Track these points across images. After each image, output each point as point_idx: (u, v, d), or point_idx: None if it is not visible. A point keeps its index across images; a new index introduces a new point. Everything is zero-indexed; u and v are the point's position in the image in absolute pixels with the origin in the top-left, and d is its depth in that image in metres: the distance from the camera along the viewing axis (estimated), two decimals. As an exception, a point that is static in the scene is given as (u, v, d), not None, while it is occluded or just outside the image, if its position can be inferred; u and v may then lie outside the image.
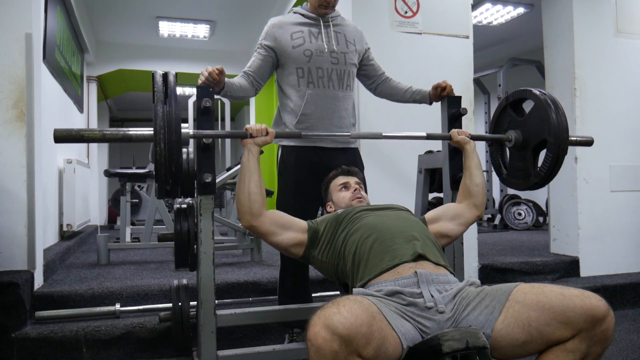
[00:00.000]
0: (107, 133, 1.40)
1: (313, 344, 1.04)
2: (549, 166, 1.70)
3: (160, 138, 1.31)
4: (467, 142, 1.80)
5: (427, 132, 1.83)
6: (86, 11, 5.24)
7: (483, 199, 1.73)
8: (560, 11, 3.41)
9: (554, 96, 1.73)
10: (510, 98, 1.87)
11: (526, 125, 1.79)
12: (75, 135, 1.37)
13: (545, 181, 1.77)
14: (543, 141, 1.72)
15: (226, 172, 3.80)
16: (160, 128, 1.31)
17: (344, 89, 2.07)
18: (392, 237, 1.43)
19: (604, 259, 3.30)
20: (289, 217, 1.61)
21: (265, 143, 1.58)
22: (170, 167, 1.33)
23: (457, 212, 1.70)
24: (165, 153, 1.31)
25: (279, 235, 1.56)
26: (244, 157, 1.57)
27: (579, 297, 1.16)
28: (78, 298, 2.36)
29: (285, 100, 2.06)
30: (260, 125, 1.58)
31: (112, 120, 9.74)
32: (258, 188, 1.54)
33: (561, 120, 1.67)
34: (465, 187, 1.75)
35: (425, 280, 1.30)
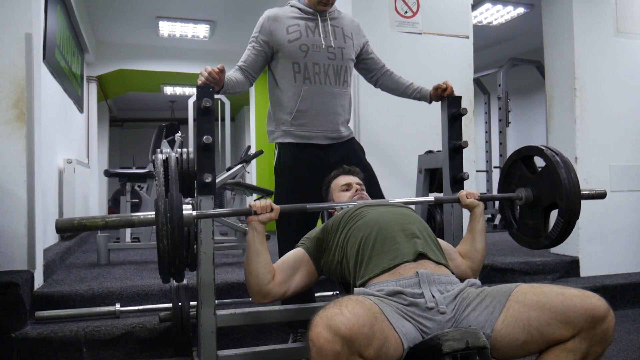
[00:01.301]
0: (109, 220, 1.36)
1: (315, 345, 1.04)
2: (560, 230, 1.67)
3: (163, 234, 1.28)
4: (477, 204, 1.73)
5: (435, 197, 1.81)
6: (86, 11, 5.24)
7: (480, 264, 1.71)
8: (560, 11, 3.41)
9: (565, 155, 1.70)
10: (521, 152, 1.82)
11: (537, 184, 1.75)
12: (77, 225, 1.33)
13: (556, 244, 1.74)
14: (554, 203, 1.69)
15: (226, 172, 3.80)
16: (163, 225, 1.28)
17: (340, 85, 2.05)
18: (393, 236, 1.43)
19: (604, 259, 3.30)
20: (290, 262, 1.58)
21: (269, 220, 1.54)
22: (175, 261, 1.32)
23: (456, 263, 1.67)
24: (168, 249, 1.29)
25: (290, 288, 1.55)
26: (249, 235, 1.54)
27: (579, 296, 1.16)
28: (78, 298, 2.36)
29: (279, 94, 2.03)
30: (264, 201, 1.55)
31: (112, 120, 9.73)
32: (266, 268, 1.51)
33: (573, 183, 1.63)
34: (466, 250, 1.72)
35: (426, 280, 1.30)
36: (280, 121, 2.03)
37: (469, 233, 1.74)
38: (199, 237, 1.58)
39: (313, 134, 2.01)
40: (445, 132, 2.02)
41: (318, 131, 2.01)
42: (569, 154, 3.33)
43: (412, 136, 2.86)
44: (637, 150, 3.42)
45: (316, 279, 1.62)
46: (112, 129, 9.51)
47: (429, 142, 2.51)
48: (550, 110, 3.48)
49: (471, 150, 2.87)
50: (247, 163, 3.85)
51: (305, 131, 2.00)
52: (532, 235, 1.80)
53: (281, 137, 2.04)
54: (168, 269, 1.33)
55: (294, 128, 2.01)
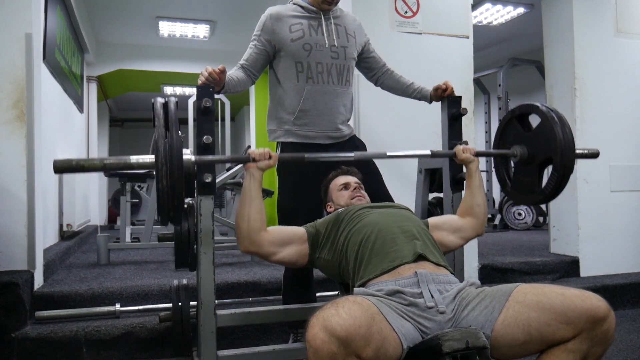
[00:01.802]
0: (108, 163, 1.37)
1: (311, 345, 1.04)
2: (554, 185, 1.68)
3: (163, 174, 1.29)
4: (472, 160, 1.76)
5: (432, 150, 1.82)
6: (86, 11, 5.24)
7: (484, 218, 1.72)
8: (560, 11, 3.41)
9: (560, 112, 1.70)
10: (516, 111, 1.84)
11: (532, 141, 1.76)
12: (75, 166, 1.34)
13: (550, 199, 1.75)
14: (549, 158, 1.70)
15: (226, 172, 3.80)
16: (162, 164, 1.29)
17: (343, 84, 2.04)
18: (393, 238, 1.43)
19: (604, 259, 3.30)
20: (288, 232, 1.60)
21: (268, 167, 1.55)
22: (173, 202, 1.32)
23: (459, 225, 1.69)
24: (167, 189, 1.30)
25: (279, 253, 1.55)
26: (245, 181, 1.55)
27: (579, 297, 1.16)
28: (78, 298, 2.36)
29: (281, 93, 2.02)
30: (263, 149, 1.55)
31: (112, 120, 9.74)
32: (258, 214, 1.52)
33: (567, 139, 1.64)
34: (467, 207, 1.73)
35: (425, 280, 1.30)
36: (282, 120, 2.03)
37: (468, 189, 1.76)
38: (199, 237, 1.58)
39: (315, 133, 2.01)
40: (445, 132, 2.02)
41: (320, 131, 2.01)
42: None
43: (412, 136, 2.86)
44: (637, 150, 3.42)
45: (304, 263, 1.61)
46: (112, 129, 9.51)
47: (429, 142, 2.51)
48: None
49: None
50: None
51: (308, 131, 2.00)
52: (527, 192, 1.81)
53: (283, 137, 2.03)
54: (167, 210, 1.33)
55: (296, 127, 2.00)
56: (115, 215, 7.11)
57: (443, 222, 1.70)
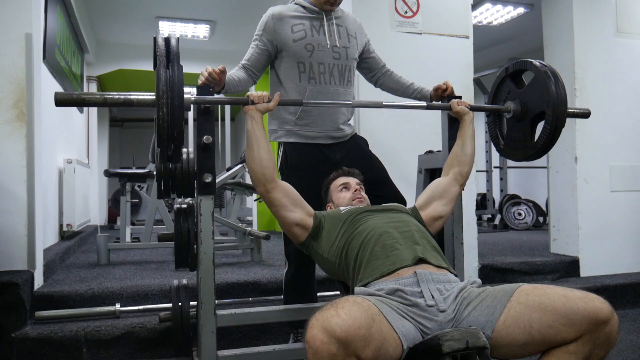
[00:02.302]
0: (109, 97, 1.38)
1: (311, 346, 1.04)
2: (546, 138, 1.72)
3: (163, 102, 1.30)
4: (467, 112, 1.83)
5: (428, 103, 1.86)
6: (86, 11, 5.24)
7: (469, 169, 1.77)
8: (560, 11, 3.41)
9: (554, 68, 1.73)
10: (510, 69, 1.89)
11: (525, 96, 1.80)
12: (76, 99, 1.36)
13: (542, 152, 1.79)
14: (542, 113, 1.73)
15: (226, 172, 3.80)
16: (163, 92, 1.30)
17: (344, 84, 2.05)
18: (393, 243, 1.43)
19: (604, 259, 3.30)
20: (299, 195, 1.63)
21: (267, 110, 1.60)
22: (173, 132, 1.33)
23: (443, 188, 1.72)
24: (167, 117, 1.31)
25: (289, 210, 1.58)
26: (247, 124, 1.59)
27: (582, 299, 1.15)
28: (78, 298, 2.36)
29: (283, 93, 2.01)
30: (261, 92, 1.59)
31: (112, 120, 9.74)
32: (268, 154, 1.57)
33: (560, 93, 1.67)
34: (455, 156, 1.78)
35: (424, 279, 1.30)
36: (283, 120, 2.03)
37: (459, 139, 1.81)
38: (199, 237, 1.58)
39: (317, 133, 2.01)
40: (445, 132, 2.02)
41: (322, 131, 2.01)
42: (569, 154, 3.33)
43: (412, 136, 2.86)
44: (637, 150, 3.42)
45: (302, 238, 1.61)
46: (112, 129, 9.51)
47: (429, 142, 2.51)
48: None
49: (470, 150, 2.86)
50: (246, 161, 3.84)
51: (310, 131, 2.00)
52: (519, 148, 1.85)
53: (285, 137, 2.03)
54: (167, 142, 1.34)
55: (298, 128, 2.00)
56: (115, 215, 7.11)
57: (429, 194, 1.72)
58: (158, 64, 1.35)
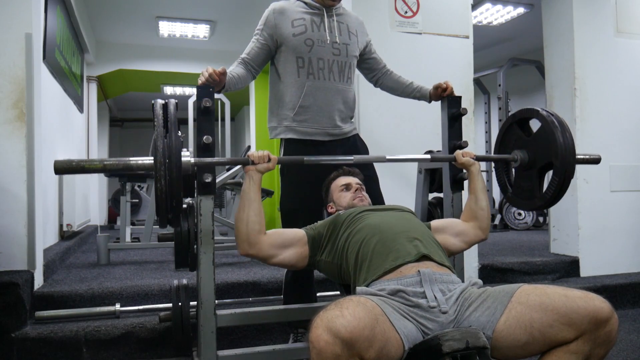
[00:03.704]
0: (108, 163, 1.37)
1: (315, 347, 1.04)
2: (554, 190, 1.67)
3: (161, 174, 1.29)
4: (472, 163, 1.75)
5: (431, 154, 1.82)
6: (86, 11, 5.24)
7: (488, 222, 1.71)
8: (560, 11, 3.41)
9: (561, 117, 1.70)
10: (517, 116, 1.83)
11: (533, 145, 1.75)
12: (75, 166, 1.35)
13: (551, 204, 1.75)
14: (549, 163, 1.69)
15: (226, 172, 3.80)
16: (161, 164, 1.29)
17: (344, 81, 2.04)
18: (394, 239, 1.43)
19: (604, 259, 3.30)
20: (287, 234, 1.60)
21: (267, 169, 1.56)
22: (172, 202, 1.32)
23: (462, 229, 1.69)
24: (166, 189, 1.29)
25: (279, 256, 1.56)
26: (245, 184, 1.55)
27: (582, 298, 1.16)
28: (78, 298, 2.36)
29: (282, 88, 2.01)
30: (262, 152, 1.56)
31: (112, 120, 9.74)
32: (257, 217, 1.52)
33: (568, 144, 1.63)
34: (471, 211, 1.72)
35: (428, 279, 1.30)
36: (282, 117, 2.02)
37: (471, 194, 1.74)
38: (199, 237, 1.58)
39: (314, 130, 2.01)
40: (445, 132, 2.02)
41: (319, 127, 2.01)
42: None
43: (412, 136, 2.87)
44: (637, 150, 3.42)
45: (304, 265, 1.61)
46: (112, 129, 9.51)
47: (429, 142, 2.51)
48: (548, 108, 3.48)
49: (471, 150, 2.86)
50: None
51: (307, 127, 2.00)
52: (527, 197, 1.81)
53: (283, 133, 2.03)
54: (165, 211, 1.34)
55: (295, 124, 2.00)
56: (115, 215, 7.11)
57: (445, 225, 1.69)
58: (156, 134, 1.33)
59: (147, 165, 1.37)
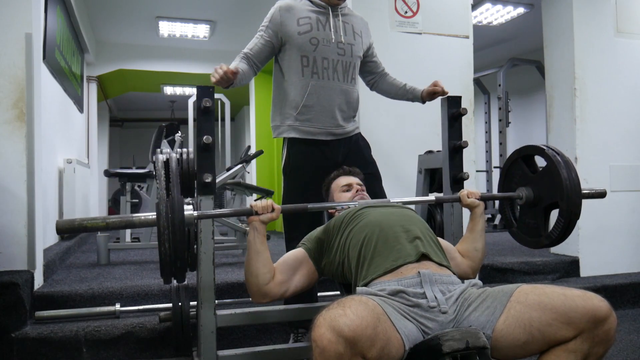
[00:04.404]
0: (110, 222, 1.35)
1: (318, 345, 1.04)
2: (560, 230, 1.67)
3: (165, 238, 1.28)
4: (477, 205, 1.73)
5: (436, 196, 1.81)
6: (86, 11, 5.24)
7: (479, 263, 1.72)
8: (560, 11, 3.41)
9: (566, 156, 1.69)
10: (522, 152, 1.82)
11: (538, 183, 1.74)
12: (77, 226, 1.33)
13: (556, 243, 1.74)
14: (555, 203, 1.68)
15: (226, 172, 3.80)
16: (164, 228, 1.28)
17: (348, 81, 2.04)
18: (395, 237, 1.43)
19: (604, 259, 3.30)
20: (289, 262, 1.59)
21: (271, 220, 1.54)
22: (176, 264, 1.32)
23: (455, 257, 1.68)
24: (170, 252, 1.29)
25: (291, 286, 1.56)
26: (249, 235, 1.54)
27: (581, 297, 1.16)
28: (78, 298, 2.36)
29: (285, 87, 2.01)
30: (265, 201, 1.54)
31: (112, 120, 9.74)
32: (266, 267, 1.51)
33: (574, 184, 1.63)
34: (465, 249, 1.72)
35: (428, 280, 1.30)
36: (285, 115, 2.02)
37: (469, 233, 1.74)
38: (199, 237, 1.58)
39: (317, 129, 2.01)
40: (445, 132, 2.02)
41: (322, 127, 2.01)
42: (569, 154, 3.31)
43: (412, 136, 2.87)
44: (637, 150, 3.42)
45: (316, 279, 1.62)
46: (112, 129, 9.51)
47: (429, 142, 2.51)
48: (550, 111, 3.48)
49: (471, 150, 2.87)
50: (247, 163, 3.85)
51: (310, 127, 2.00)
52: (532, 235, 1.79)
53: (286, 132, 2.02)
54: (169, 272, 1.33)
55: (298, 123, 2.00)
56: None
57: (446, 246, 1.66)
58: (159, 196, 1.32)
59: (150, 221, 1.36)
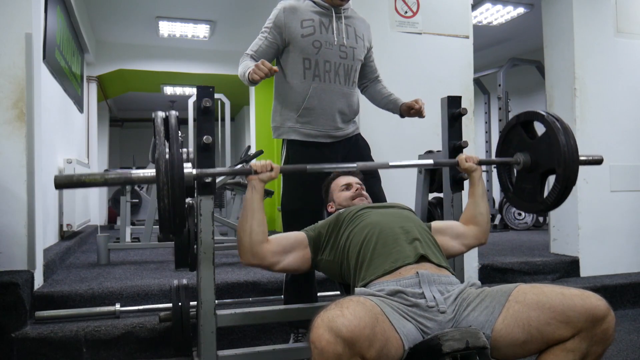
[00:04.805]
0: (109, 177, 1.36)
1: (316, 346, 1.04)
2: (556, 196, 1.67)
3: (164, 194, 1.28)
4: (475, 169, 1.74)
5: (434, 160, 1.82)
6: (86, 11, 5.24)
7: (487, 227, 1.71)
8: (560, 11, 3.41)
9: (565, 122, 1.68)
10: (521, 117, 1.82)
11: (536, 149, 1.74)
12: (75, 181, 1.34)
13: (551, 209, 1.75)
14: (552, 169, 1.68)
15: (226, 172, 3.79)
16: (164, 184, 1.28)
17: (350, 85, 2.04)
18: (395, 239, 1.43)
19: (604, 259, 3.30)
20: (289, 239, 1.59)
21: (270, 179, 1.55)
22: (175, 220, 1.32)
23: (461, 232, 1.68)
24: (169, 208, 1.29)
25: (282, 262, 1.56)
26: (247, 193, 1.54)
27: (579, 296, 1.17)
28: (78, 298, 2.36)
29: (287, 88, 2.01)
30: (264, 161, 1.55)
31: (112, 120, 9.74)
32: (260, 227, 1.52)
33: (571, 150, 1.62)
34: (470, 215, 1.72)
35: (426, 280, 1.30)
36: (286, 117, 2.03)
37: (471, 198, 1.74)
38: (199, 237, 1.58)
39: (317, 132, 2.01)
40: (445, 132, 2.02)
41: (323, 130, 2.01)
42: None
43: (412, 136, 2.86)
44: (637, 150, 3.42)
45: (308, 267, 1.62)
46: (112, 129, 9.52)
47: (429, 142, 2.51)
48: (550, 110, 3.48)
49: (471, 150, 2.86)
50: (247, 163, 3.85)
51: (310, 129, 2.00)
52: (528, 199, 1.80)
53: (286, 134, 2.03)
54: (169, 227, 1.34)
55: (299, 125, 2.00)
56: (115, 215, 7.11)
57: (446, 227, 1.68)
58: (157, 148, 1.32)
59: (149, 177, 1.36)
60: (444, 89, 2.51)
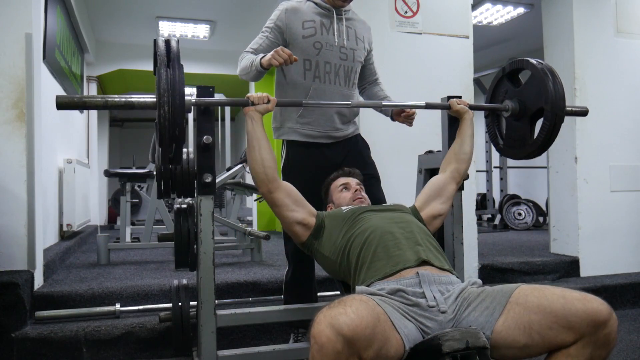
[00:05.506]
0: (110, 100, 1.40)
1: (317, 342, 1.04)
2: (545, 134, 1.72)
3: (164, 101, 1.31)
4: (466, 111, 1.82)
5: (427, 102, 1.85)
6: (86, 11, 5.24)
7: (467, 167, 1.79)
8: (560, 11, 3.42)
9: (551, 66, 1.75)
10: (507, 69, 1.89)
11: (523, 94, 1.81)
12: (77, 102, 1.37)
13: (542, 150, 1.79)
14: (540, 110, 1.73)
15: (226, 172, 3.80)
16: (164, 91, 1.31)
17: (349, 86, 2.04)
18: (396, 243, 1.43)
19: (604, 259, 3.30)
20: (301, 195, 1.65)
21: (266, 110, 1.61)
22: (175, 131, 1.33)
23: (441, 186, 1.73)
24: (169, 116, 1.31)
25: (291, 210, 1.60)
26: (247, 125, 1.61)
27: (580, 300, 1.15)
28: (78, 298, 2.36)
29: (287, 88, 2.02)
30: (261, 93, 1.61)
31: (112, 120, 9.74)
32: (269, 154, 1.59)
33: (558, 89, 1.68)
34: (454, 153, 1.79)
35: (427, 280, 1.30)
36: (286, 118, 2.03)
37: (458, 137, 1.81)
38: (199, 237, 1.58)
39: (317, 133, 2.01)
40: (445, 132, 2.02)
41: (323, 131, 2.01)
42: (569, 154, 3.33)
43: (412, 136, 2.86)
44: (637, 150, 3.42)
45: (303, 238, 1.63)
46: (112, 129, 9.52)
47: (429, 142, 2.51)
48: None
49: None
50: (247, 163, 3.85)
51: (310, 130, 2.00)
52: (519, 146, 1.85)
53: (286, 134, 2.03)
54: (169, 141, 1.35)
55: (299, 126, 2.01)
56: (115, 215, 7.11)
57: (427, 193, 1.72)
58: (159, 63, 1.35)
59: (149, 102, 1.39)
60: (444, 89, 2.51)
